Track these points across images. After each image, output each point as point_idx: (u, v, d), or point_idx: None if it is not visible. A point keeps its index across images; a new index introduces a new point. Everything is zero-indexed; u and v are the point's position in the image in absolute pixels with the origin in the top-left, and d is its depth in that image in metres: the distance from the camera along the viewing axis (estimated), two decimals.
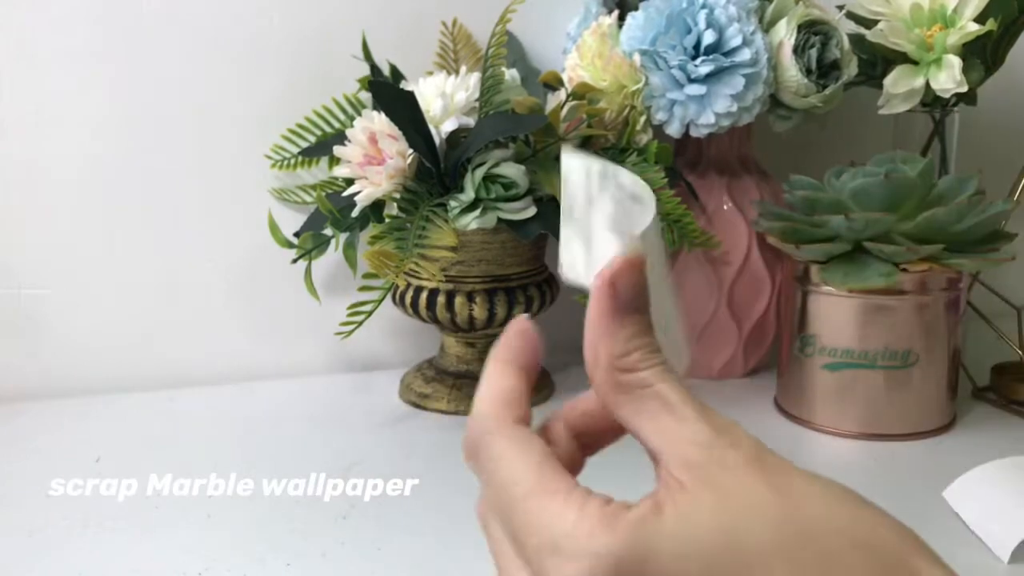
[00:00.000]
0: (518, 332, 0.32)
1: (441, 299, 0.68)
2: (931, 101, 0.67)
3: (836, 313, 0.64)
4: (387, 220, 0.65)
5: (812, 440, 0.65)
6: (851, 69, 0.69)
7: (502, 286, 0.68)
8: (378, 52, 0.74)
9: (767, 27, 0.69)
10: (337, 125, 0.74)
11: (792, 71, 0.67)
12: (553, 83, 0.67)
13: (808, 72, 0.68)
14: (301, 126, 0.74)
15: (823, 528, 0.26)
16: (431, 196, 0.64)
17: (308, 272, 0.68)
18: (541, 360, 0.32)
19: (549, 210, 0.64)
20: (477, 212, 0.63)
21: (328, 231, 0.68)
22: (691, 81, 0.66)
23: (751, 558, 0.26)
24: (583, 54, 0.67)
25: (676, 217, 0.65)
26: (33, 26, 0.69)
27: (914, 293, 0.63)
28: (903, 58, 0.66)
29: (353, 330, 0.63)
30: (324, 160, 0.75)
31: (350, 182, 0.65)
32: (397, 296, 0.70)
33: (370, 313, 0.63)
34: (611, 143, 0.67)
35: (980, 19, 0.63)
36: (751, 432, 0.28)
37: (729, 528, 0.26)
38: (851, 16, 0.69)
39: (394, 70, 0.74)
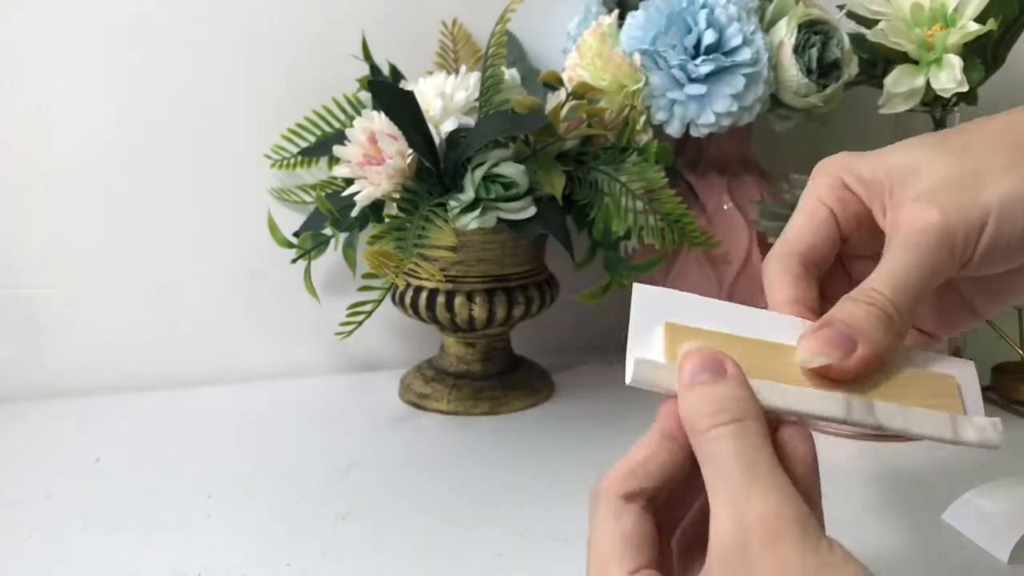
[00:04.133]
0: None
1: (441, 299, 0.68)
2: (931, 101, 0.67)
3: None
4: (387, 220, 0.65)
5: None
6: (852, 69, 0.69)
7: (502, 286, 0.68)
8: (378, 52, 0.74)
9: (767, 27, 0.69)
10: (337, 125, 0.74)
11: (792, 71, 0.67)
12: (553, 83, 0.67)
13: (808, 72, 0.68)
14: (301, 126, 0.74)
15: None
16: (431, 196, 0.64)
17: (308, 272, 0.68)
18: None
19: (549, 210, 0.64)
20: (477, 212, 0.62)
21: (328, 231, 0.68)
22: (691, 81, 0.66)
23: None
24: (583, 54, 0.67)
25: (676, 217, 0.65)
26: (33, 26, 0.69)
27: None
28: (904, 58, 0.66)
29: (353, 330, 0.63)
30: (324, 160, 0.75)
31: (350, 182, 0.65)
32: (397, 296, 0.70)
33: (370, 313, 0.63)
34: (611, 143, 0.67)
35: (980, 19, 0.63)
36: None
37: None
38: (851, 16, 0.69)
39: (394, 70, 0.74)
